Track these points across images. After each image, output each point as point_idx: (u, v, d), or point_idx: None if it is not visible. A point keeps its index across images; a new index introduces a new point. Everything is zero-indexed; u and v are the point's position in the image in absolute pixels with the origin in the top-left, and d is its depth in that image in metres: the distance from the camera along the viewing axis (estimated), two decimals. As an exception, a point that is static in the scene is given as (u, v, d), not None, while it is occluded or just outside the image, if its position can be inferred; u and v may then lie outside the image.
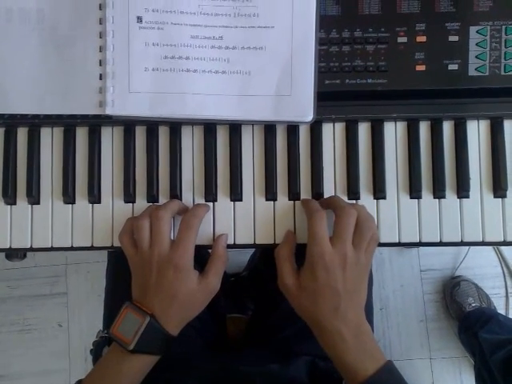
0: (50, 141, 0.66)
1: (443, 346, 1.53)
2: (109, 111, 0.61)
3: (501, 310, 1.51)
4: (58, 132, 0.66)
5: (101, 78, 0.62)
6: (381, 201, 0.65)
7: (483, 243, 0.65)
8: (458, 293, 1.48)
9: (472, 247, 1.50)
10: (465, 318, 1.44)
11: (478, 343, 1.31)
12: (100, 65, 0.61)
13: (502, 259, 1.55)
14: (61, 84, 0.62)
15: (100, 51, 0.61)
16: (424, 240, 0.65)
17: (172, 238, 0.62)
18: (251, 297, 1.23)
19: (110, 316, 0.83)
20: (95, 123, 0.65)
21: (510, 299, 1.55)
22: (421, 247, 1.51)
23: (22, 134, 0.66)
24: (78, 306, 1.53)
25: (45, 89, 0.62)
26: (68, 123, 0.65)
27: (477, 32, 0.62)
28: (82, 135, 0.66)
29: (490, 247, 1.55)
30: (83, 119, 0.64)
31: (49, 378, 1.51)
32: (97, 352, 0.73)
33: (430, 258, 1.56)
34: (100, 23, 0.61)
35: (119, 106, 0.61)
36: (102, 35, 0.61)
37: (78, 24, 0.61)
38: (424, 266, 1.56)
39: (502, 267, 1.56)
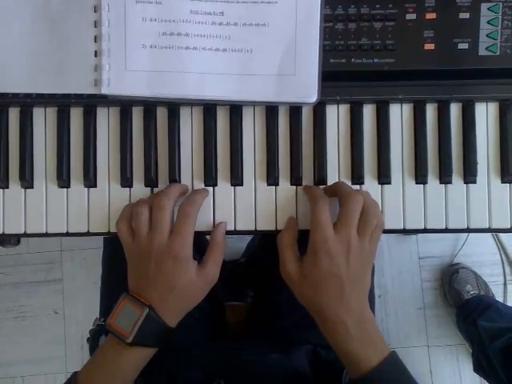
0: (43, 122, 0.64)
1: (441, 334, 1.53)
2: (104, 90, 0.59)
3: (499, 298, 1.52)
4: (52, 112, 0.64)
5: (96, 56, 0.59)
6: (385, 186, 0.64)
7: (490, 230, 0.64)
8: (456, 280, 1.48)
9: (471, 234, 1.49)
10: (463, 305, 1.44)
11: (477, 331, 1.31)
12: (95, 41, 0.59)
13: (501, 247, 1.55)
14: (54, 61, 0.59)
15: (95, 26, 0.59)
16: (429, 227, 0.64)
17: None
18: (250, 284, 1.22)
19: (106, 304, 0.82)
20: (90, 103, 0.63)
21: (508, 287, 1.55)
22: (419, 234, 1.51)
23: (13, 114, 0.64)
24: (74, 292, 1.52)
25: (37, 66, 0.59)
26: (62, 103, 0.63)
27: (488, 9, 0.60)
28: (76, 116, 0.64)
29: (489, 234, 1.54)
30: (78, 99, 0.62)
31: (45, 366, 1.51)
32: (93, 341, 0.72)
33: (428, 245, 1.55)
34: (95, -4, 0.59)
35: (115, 85, 0.59)
36: (96, 9, 0.59)
37: (71, -3, 0.59)
38: (422, 254, 1.55)
39: (500, 255, 1.56)
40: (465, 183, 0.64)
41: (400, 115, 0.64)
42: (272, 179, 0.63)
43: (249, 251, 1.31)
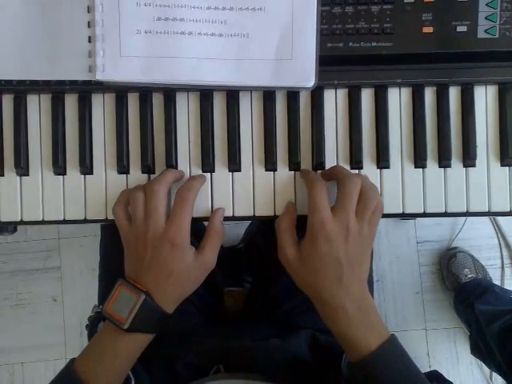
0: (38, 109, 0.63)
1: (439, 317, 1.54)
2: (99, 76, 0.58)
3: (496, 281, 1.52)
4: (46, 99, 0.63)
5: (90, 41, 0.58)
6: (384, 170, 0.64)
7: (489, 213, 0.64)
8: (454, 264, 1.48)
9: (469, 218, 1.49)
10: (461, 289, 1.45)
11: (474, 314, 1.32)
12: (89, 26, 0.58)
13: (499, 230, 1.55)
14: (47, 47, 0.58)
15: (88, 12, 0.58)
16: (429, 211, 0.64)
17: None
18: (248, 269, 1.22)
19: (104, 291, 0.82)
20: (85, 90, 0.62)
21: (505, 270, 1.56)
22: (417, 218, 1.51)
23: (7, 102, 0.63)
24: (72, 280, 1.52)
25: (30, 52, 0.58)
26: (56, 90, 0.62)
27: (487, -9, 0.60)
28: (71, 102, 0.63)
29: (487, 218, 1.55)
30: (72, 85, 0.61)
31: (44, 352, 1.51)
32: (92, 328, 0.72)
33: (426, 229, 1.56)
34: (87, -19, 0.58)
35: (110, 70, 0.58)
36: (89, -6, 0.58)
37: (63, -18, 0.57)
38: (420, 238, 1.56)
39: (498, 238, 1.56)
40: (464, 167, 0.63)
41: (398, 99, 0.64)
42: (270, 165, 0.63)
43: (247, 237, 1.31)
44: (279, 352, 0.71)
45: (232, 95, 0.63)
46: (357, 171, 0.63)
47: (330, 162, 0.63)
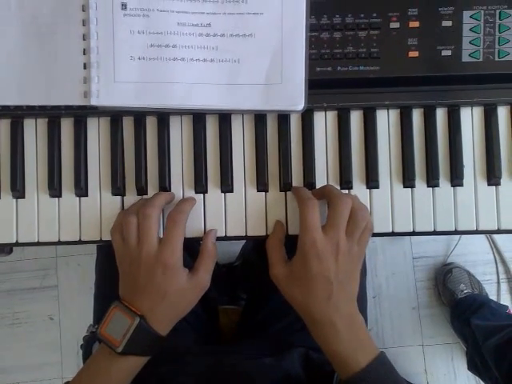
0: (34, 133, 0.64)
1: (435, 333, 1.54)
2: (94, 102, 0.60)
3: (492, 296, 1.52)
4: (42, 123, 0.64)
5: (85, 68, 0.60)
6: (374, 190, 0.65)
7: (477, 232, 0.65)
8: (450, 280, 1.49)
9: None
10: (457, 304, 1.45)
11: (471, 330, 1.32)
12: (84, 54, 0.60)
13: (494, 246, 1.55)
14: (43, 74, 0.60)
15: (84, 39, 0.59)
16: (418, 230, 0.64)
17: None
18: (244, 287, 1.22)
19: (99, 311, 0.82)
20: (80, 114, 0.63)
21: (501, 285, 1.56)
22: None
23: (4, 126, 0.64)
24: (69, 298, 1.52)
25: (27, 79, 0.60)
26: (52, 114, 0.63)
27: (470, 17, 0.61)
28: (66, 126, 0.64)
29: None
30: (68, 110, 0.62)
31: (41, 372, 1.50)
32: (87, 348, 0.72)
33: (422, 245, 1.56)
34: (83, 10, 0.59)
35: (105, 96, 0.59)
36: (85, 23, 0.59)
37: (59, 11, 0.59)
38: (416, 254, 1.56)
39: (493, 254, 1.56)
40: (452, 186, 0.64)
41: (387, 121, 0.65)
42: (262, 185, 0.64)
43: (243, 255, 1.32)
44: (272, 370, 0.71)
45: (224, 118, 0.64)
46: (346, 191, 0.64)
47: (320, 182, 0.64)
